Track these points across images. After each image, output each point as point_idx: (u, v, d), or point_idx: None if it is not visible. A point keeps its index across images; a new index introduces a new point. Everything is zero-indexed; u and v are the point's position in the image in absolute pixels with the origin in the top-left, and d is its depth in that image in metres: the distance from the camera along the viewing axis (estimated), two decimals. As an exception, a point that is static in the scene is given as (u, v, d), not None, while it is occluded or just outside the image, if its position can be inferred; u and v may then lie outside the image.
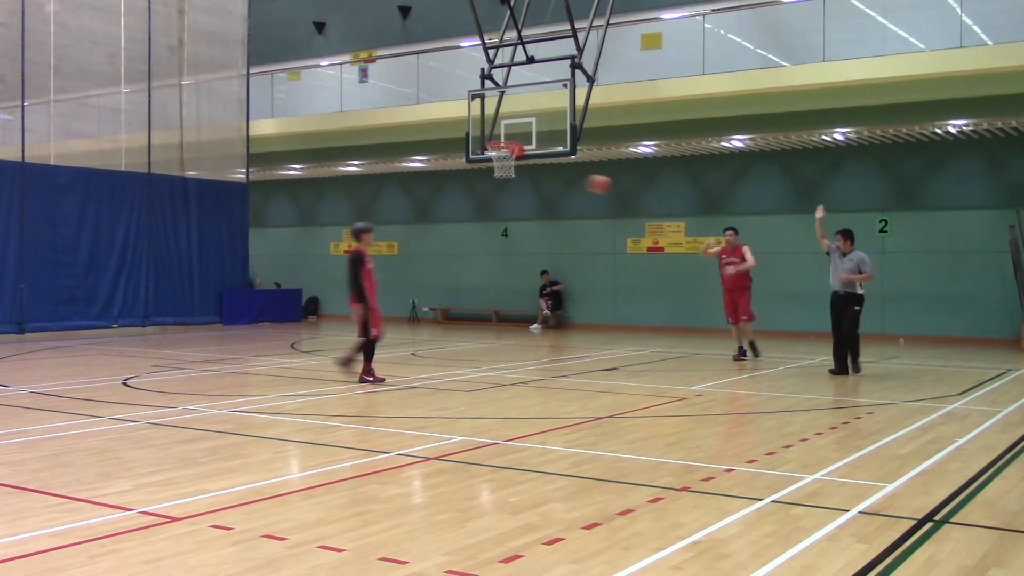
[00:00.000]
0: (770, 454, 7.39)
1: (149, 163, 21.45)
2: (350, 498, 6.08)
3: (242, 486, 6.25)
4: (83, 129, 21.52)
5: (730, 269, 14.72)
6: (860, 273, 12.57)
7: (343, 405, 10.11)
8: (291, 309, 25.07)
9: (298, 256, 28.27)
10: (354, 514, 5.59)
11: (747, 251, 14.73)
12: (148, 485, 6.24)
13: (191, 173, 22.56)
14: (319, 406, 9.95)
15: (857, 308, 12.67)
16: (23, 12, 19.26)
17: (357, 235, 12.17)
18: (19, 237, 18.75)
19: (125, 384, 11.68)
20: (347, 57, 24.53)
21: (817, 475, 6.60)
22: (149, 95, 21.61)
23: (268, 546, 4.89)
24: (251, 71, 23.76)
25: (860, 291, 12.71)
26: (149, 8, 21.62)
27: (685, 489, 6.20)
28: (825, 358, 14.02)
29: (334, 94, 23.51)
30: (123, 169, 21.14)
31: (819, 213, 13.09)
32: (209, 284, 22.42)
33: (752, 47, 18.54)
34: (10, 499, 5.87)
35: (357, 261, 11.76)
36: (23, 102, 19.42)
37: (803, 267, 19.71)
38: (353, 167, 25.70)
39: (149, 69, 21.59)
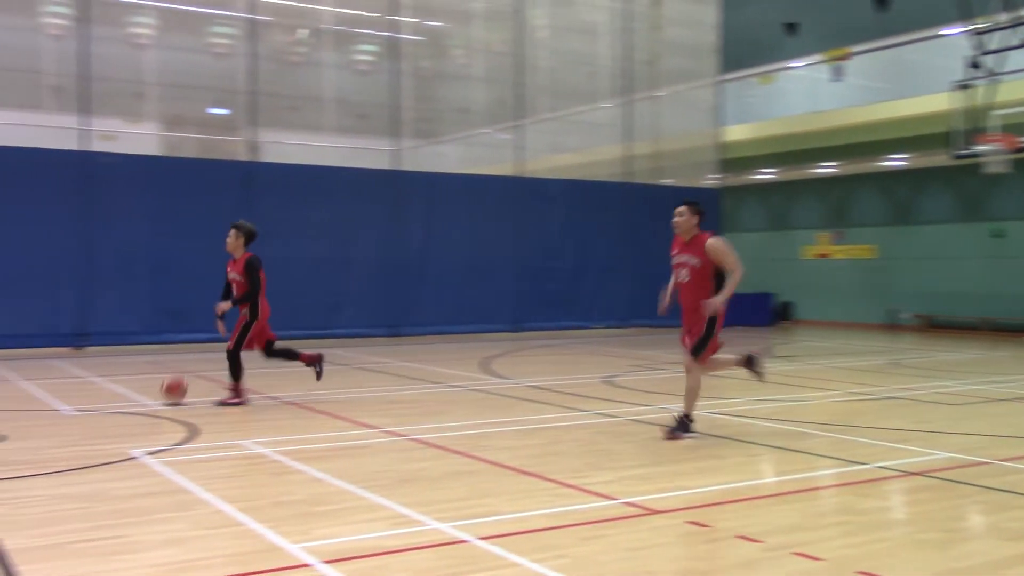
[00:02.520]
0: None
1: (628, 173, 22.64)
2: (827, 507, 5.98)
3: (717, 485, 6.41)
4: (567, 144, 23.29)
5: (683, 274, 8.44)
6: None
7: (818, 412, 9.91)
8: (760, 314, 24.99)
9: (769, 260, 28.10)
10: (832, 523, 5.49)
11: (718, 246, 8.22)
12: (629, 478, 6.63)
13: (665, 181, 23.41)
14: (792, 411, 9.85)
15: None
16: (519, 40, 21.31)
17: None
18: (515, 244, 20.72)
19: (607, 381, 12.44)
20: (820, 56, 23.93)
21: None
22: (627, 109, 22.80)
23: (743, 547, 4.97)
24: (722, 78, 24.10)
25: None
26: (628, 27, 22.82)
27: None
28: None
29: (805, 95, 23.07)
30: (603, 179, 22.54)
31: None
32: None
33: None
34: (512, 480, 6.56)
35: None
36: (519, 122, 21.45)
37: None
38: (826, 168, 25.00)
39: (626, 85, 22.77)
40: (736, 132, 24.09)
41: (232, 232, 10.23)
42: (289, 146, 19.27)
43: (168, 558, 4.76)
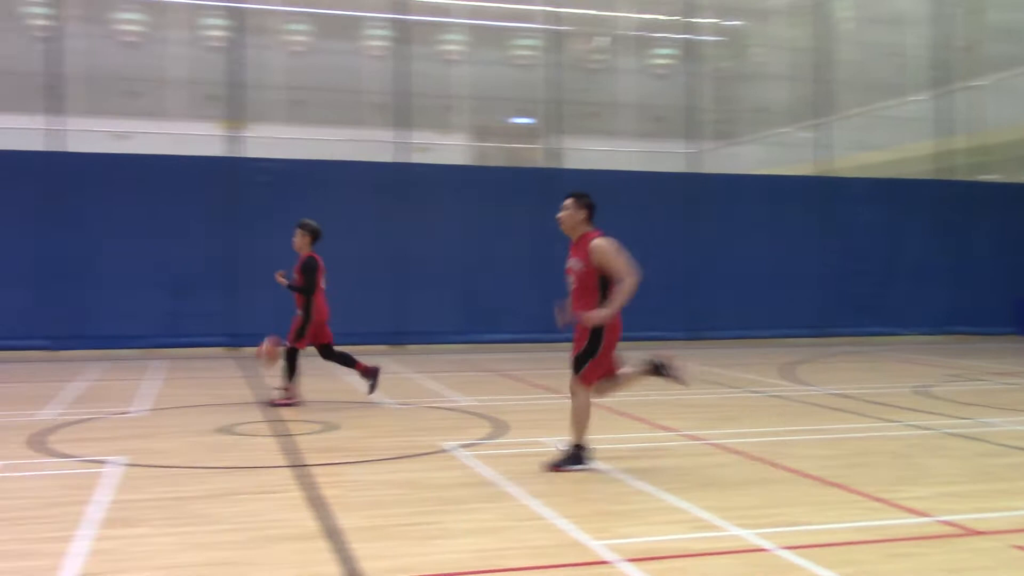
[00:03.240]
0: None
1: (942, 170, 21.17)
2: None
3: (1048, 508, 5.90)
4: (874, 140, 22.13)
5: (570, 281, 7.38)
6: None
7: None
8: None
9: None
10: None
11: (603, 248, 7.15)
12: (947, 495, 6.24)
13: (988, 177, 21.68)
14: None
15: None
16: (822, 35, 20.52)
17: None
18: (819, 247, 19.97)
19: (920, 391, 11.73)
20: None
21: None
22: (942, 101, 21.31)
23: (1079, 576, 4.56)
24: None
25: None
26: (942, 14, 21.35)
27: None
28: None
29: None
30: (914, 177, 21.20)
31: None
32: (1002, 292, 21.27)
33: None
34: (815, 490, 6.37)
35: None
36: (822, 119, 20.66)
37: None
38: None
39: (939, 75, 21.30)
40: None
41: (298, 232, 10.50)
42: (588, 152, 19.71)
43: (480, 545, 5.06)
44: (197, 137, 17.52)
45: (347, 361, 10.39)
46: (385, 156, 17.93)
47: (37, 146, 16.37)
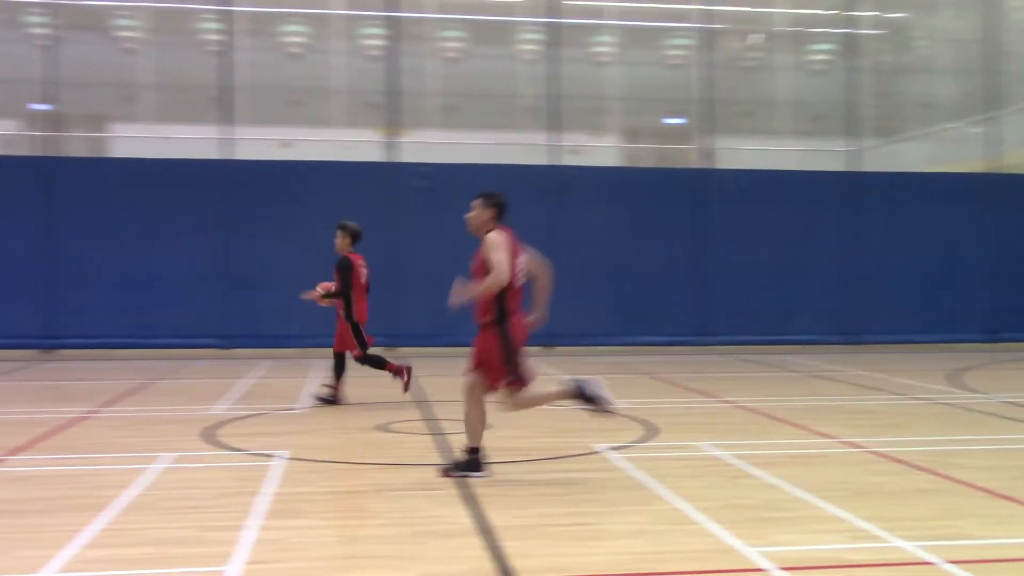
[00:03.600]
0: None
1: None
2: None
3: None
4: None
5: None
6: None
7: None
8: None
9: None
10: None
11: (489, 241, 6.73)
12: None
13: None
14: None
15: None
16: (992, 26, 19.50)
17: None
18: (990, 247, 18.94)
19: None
20: None
21: None
22: None
23: None
24: None
25: None
26: None
27: None
28: None
29: None
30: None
31: None
32: None
33: None
34: (985, 503, 6.07)
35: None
36: (992, 114, 19.64)
37: None
38: None
39: None
40: None
41: (339, 233, 10.59)
42: (742, 152, 19.34)
43: (633, 548, 5.05)
44: (356, 143, 18.11)
45: (379, 364, 10.59)
46: (538, 159, 18.07)
47: (210, 154, 17.27)
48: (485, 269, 6.59)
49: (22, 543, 5.12)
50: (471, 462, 6.73)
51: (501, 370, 6.57)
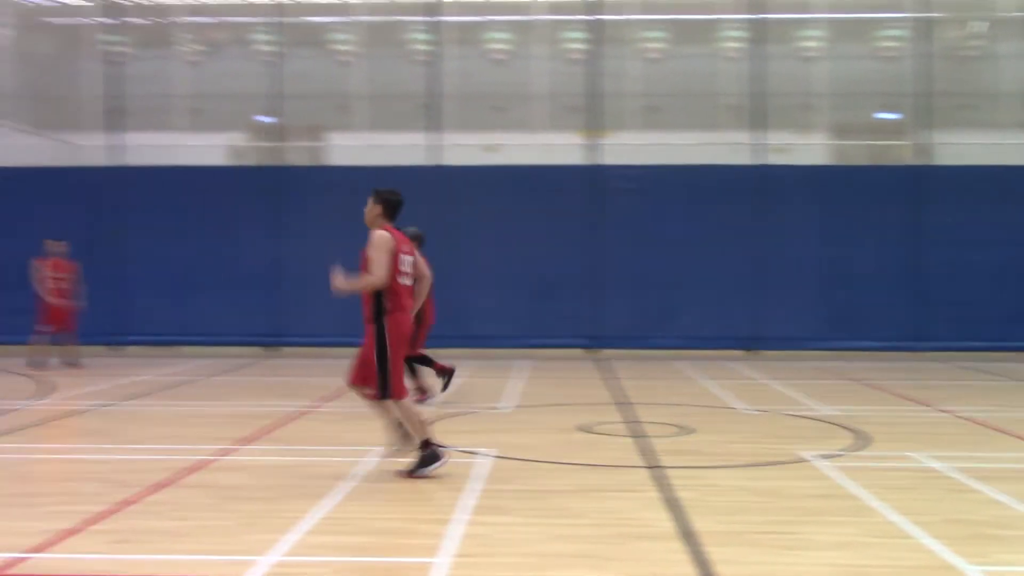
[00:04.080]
0: None
1: None
2: None
3: None
4: None
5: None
6: None
7: None
8: None
9: None
10: None
11: (371, 240, 6.84)
12: None
13: None
14: None
15: None
16: None
17: None
18: None
19: None
20: None
21: None
22: None
23: None
24: None
25: None
26: None
27: None
28: None
29: None
30: None
31: None
32: None
33: None
34: None
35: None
36: None
37: None
38: None
39: None
40: None
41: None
42: (964, 146, 18.22)
43: (840, 560, 4.90)
44: (559, 147, 18.32)
45: (426, 362, 10.84)
46: (742, 159, 17.71)
47: (419, 160, 17.92)
48: (367, 265, 6.73)
49: (252, 527, 5.51)
50: (426, 457, 6.77)
51: (371, 373, 6.71)
